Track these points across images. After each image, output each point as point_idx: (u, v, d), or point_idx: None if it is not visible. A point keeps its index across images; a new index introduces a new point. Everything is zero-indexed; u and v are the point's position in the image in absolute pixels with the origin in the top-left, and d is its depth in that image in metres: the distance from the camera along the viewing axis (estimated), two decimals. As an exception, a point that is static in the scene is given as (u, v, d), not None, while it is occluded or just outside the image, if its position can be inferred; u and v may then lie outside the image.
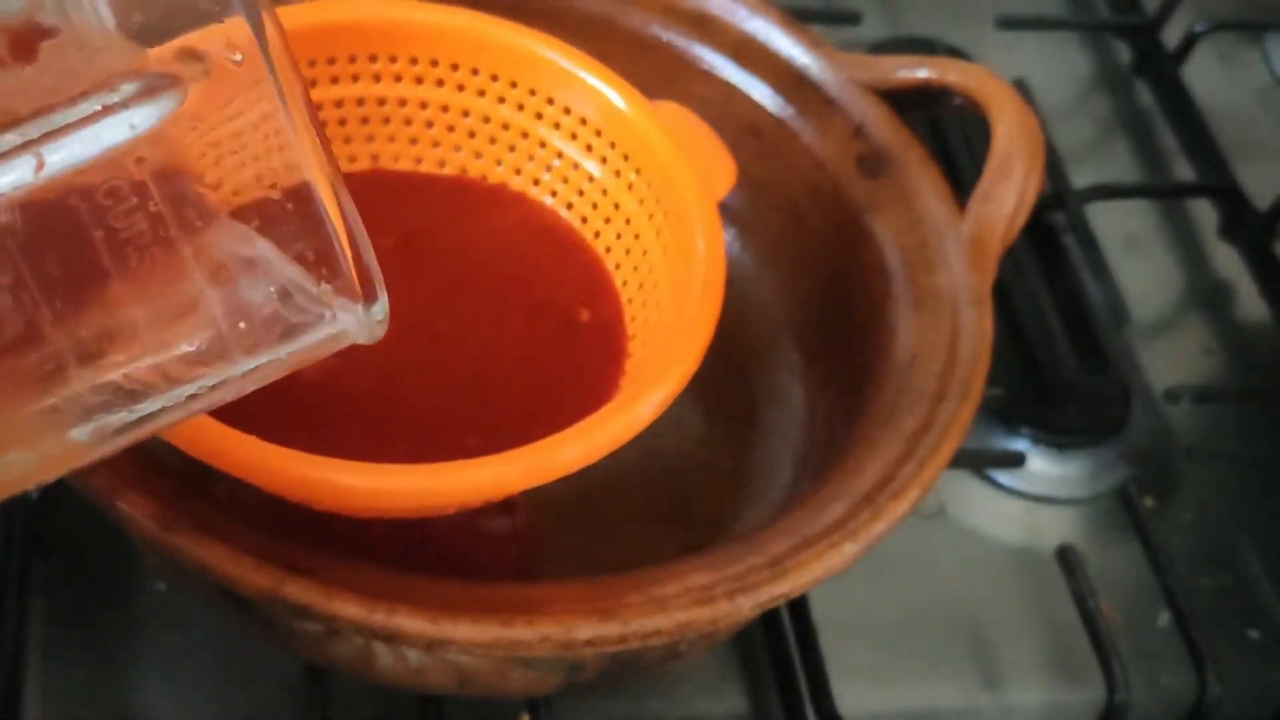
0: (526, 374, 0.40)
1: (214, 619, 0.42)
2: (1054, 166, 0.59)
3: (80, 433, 0.26)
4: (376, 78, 0.42)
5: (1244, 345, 0.59)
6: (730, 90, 0.48)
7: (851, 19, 0.64)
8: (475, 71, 0.42)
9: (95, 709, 0.41)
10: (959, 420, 0.38)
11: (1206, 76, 0.68)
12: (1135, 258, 0.62)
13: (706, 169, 0.41)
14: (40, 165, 0.25)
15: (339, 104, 0.42)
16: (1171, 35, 0.68)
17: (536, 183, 0.43)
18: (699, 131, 0.42)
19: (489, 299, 0.41)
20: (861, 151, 0.45)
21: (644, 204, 0.41)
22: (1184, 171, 0.65)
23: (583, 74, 0.41)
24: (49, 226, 0.25)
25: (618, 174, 0.42)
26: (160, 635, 0.42)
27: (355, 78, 0.42)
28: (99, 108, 0.25)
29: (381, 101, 0.43)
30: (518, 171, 0.44)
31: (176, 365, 0.27)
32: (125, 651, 0.42)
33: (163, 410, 0.27)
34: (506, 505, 0.41)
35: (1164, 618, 0.49)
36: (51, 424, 0.26)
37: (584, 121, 0.42)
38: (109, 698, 0.41)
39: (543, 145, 0.43)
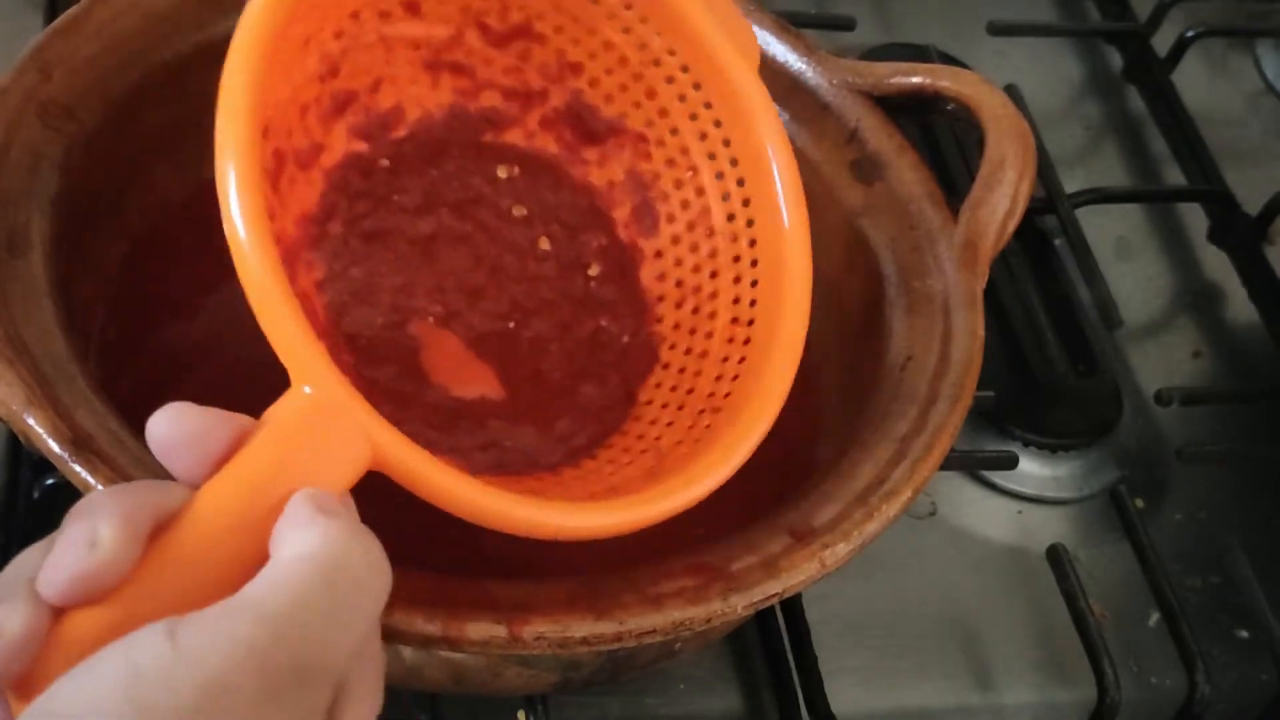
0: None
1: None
2: (1045, 171, 0.60)
3: None
4: None
5: (1233, 348, 0.60)
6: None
7: (846, 25, 0.64)
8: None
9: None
10: (951, 422, 0.38)
11: (1197, 82, 0.69)
12: (1126, 261, 0.62)
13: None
14: None
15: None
16: (1162, 41, 0.68)
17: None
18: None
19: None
20: (855, 157, 0.46)
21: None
22: (1174, 176, 0.66)
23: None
24: None
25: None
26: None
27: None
28: None
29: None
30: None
31: None
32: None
33: None
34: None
35: (1154, 617, 0.49)
36: None
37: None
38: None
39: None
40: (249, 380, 0.43)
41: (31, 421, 0.33)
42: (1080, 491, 0.53)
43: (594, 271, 0.42)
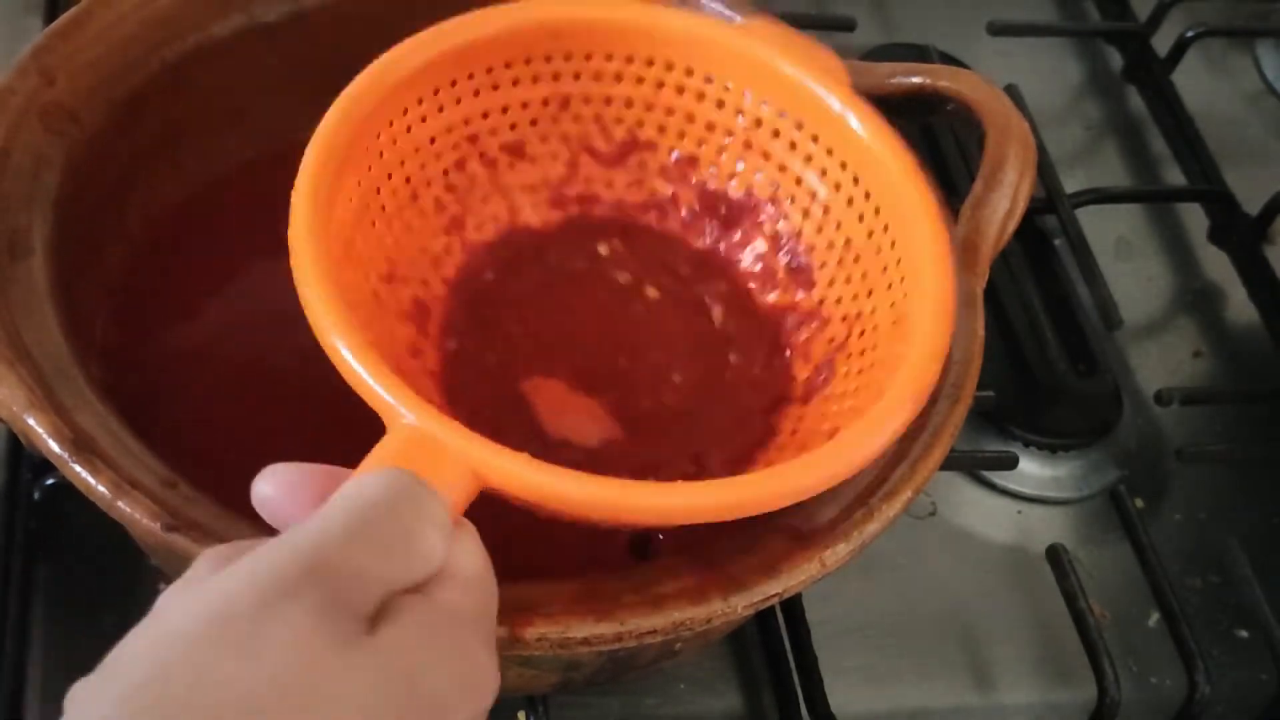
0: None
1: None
2: (1045, 171, 0.60)
3: None
4: (577, 75, 0.41)
5: (1233, 348, 0.60)
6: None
7: (846, 25, 0.64)
8: (671, 67, 0.41)
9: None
10: (951, 422, 0.38)
11: (1197, 82, 0.69)
12: (1126, 261, 0.62)
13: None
14: None
15: (545, 103, 0.41)
16: (1162, 41, 0.68)
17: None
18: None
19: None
20: (855, 157, 0.46)
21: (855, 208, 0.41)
22: (1174, 176, 0.66)
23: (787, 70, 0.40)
24: None
25: (837, 186, 0.41)
26: (161, 635, 0.42)
27: (556, 76, 0.41)
28: None
29: (587, 100, 0.41)
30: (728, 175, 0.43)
31: None
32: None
33: None
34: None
35: (1154, 617, 0.50)
36: None
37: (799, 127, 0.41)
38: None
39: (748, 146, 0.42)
40: (250, 383, 0.43)
41: (32, 422, 0.33)
42: (1080, 491, 0.53)
43: (717, 312, 0.43)
